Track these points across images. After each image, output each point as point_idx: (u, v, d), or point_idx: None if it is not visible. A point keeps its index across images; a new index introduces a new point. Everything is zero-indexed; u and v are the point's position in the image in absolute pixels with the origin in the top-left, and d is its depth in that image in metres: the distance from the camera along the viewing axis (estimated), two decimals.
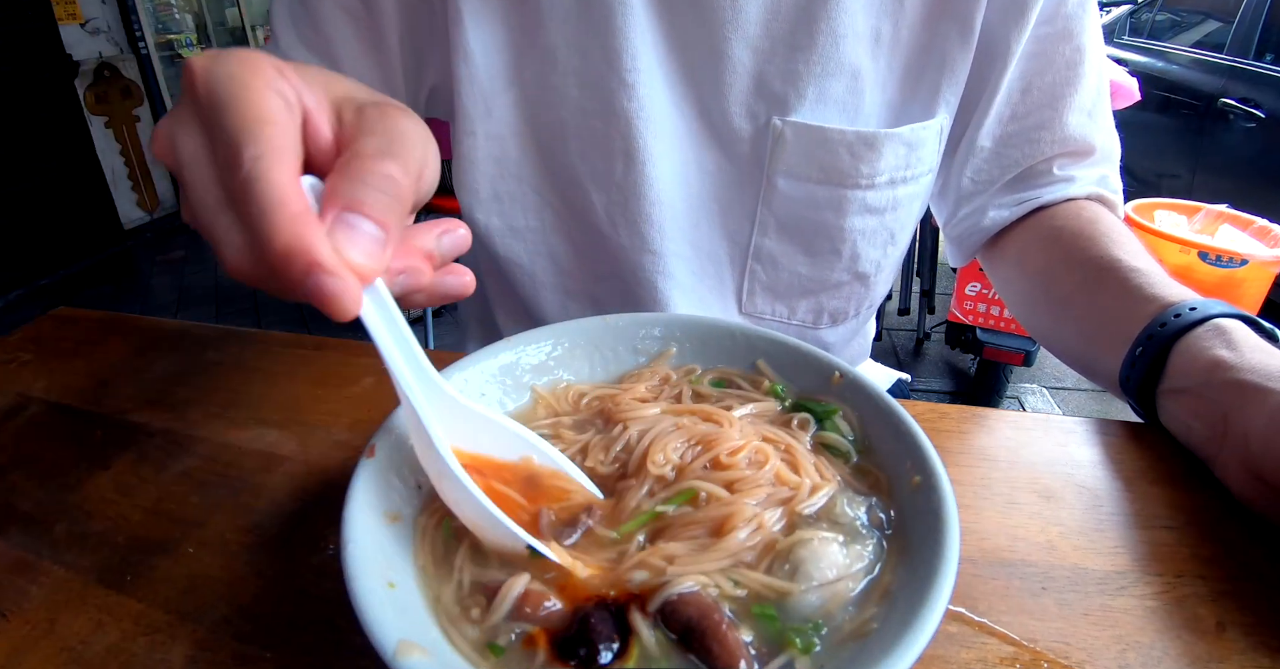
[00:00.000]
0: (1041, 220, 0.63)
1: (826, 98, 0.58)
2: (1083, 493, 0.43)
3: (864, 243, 0.65)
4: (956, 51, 0.58)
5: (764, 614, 0.30)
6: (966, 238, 0.68)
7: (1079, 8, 0.59)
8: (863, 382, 0.40)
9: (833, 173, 0.60)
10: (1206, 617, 0.35)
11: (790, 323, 0.70)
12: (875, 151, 0.59)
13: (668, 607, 0.29)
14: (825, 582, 0.30)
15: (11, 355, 0.59)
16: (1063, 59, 0.60)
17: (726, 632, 0.28)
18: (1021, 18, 0.57)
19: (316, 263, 0.25)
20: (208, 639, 0.34)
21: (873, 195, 0.61)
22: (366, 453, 0.34)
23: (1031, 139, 0.62)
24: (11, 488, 0.45)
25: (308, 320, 3.11)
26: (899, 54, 0.59)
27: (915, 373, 2.63)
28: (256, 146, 0.26)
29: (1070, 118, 0.61)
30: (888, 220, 0.64)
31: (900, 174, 0.61)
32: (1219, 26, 3.11)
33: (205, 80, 0.28)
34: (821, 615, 0.30)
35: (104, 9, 3.67)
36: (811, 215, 0.63)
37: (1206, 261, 1.76)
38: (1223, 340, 0.44)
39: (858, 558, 0.32)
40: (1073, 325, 0.58)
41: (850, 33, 0.56)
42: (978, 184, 0.65)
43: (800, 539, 0.32)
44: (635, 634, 0.29)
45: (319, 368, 0.56)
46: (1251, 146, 2.77)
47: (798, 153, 0.60)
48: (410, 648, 0.26)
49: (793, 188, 0.61)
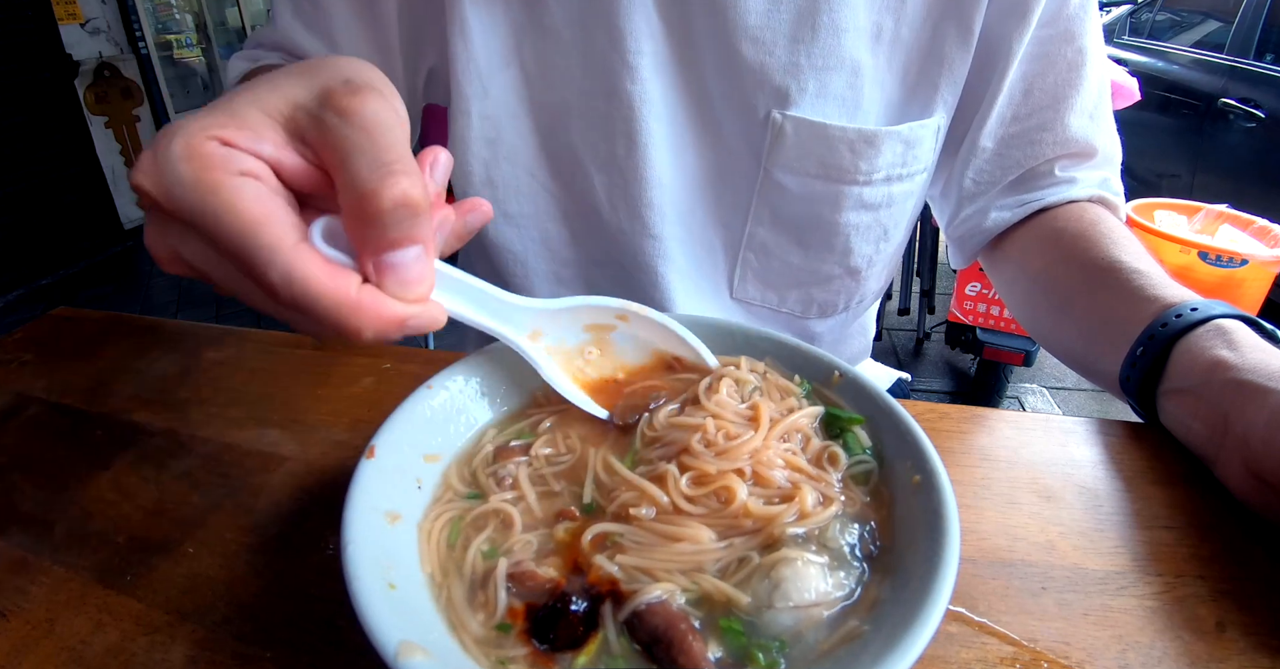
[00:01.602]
0: (1043, 222, 0.63)
1: (827, 92, 0.58)
2: (1083, 493, 0.43)
3: (857, 238, 0.65)
4: (956, 51, 0.58)
5: (730, 628, 0.30)
6: (968, 239, 0.68)
7: (1080, 9, 0.59)
8: (863, 381, 0.40)
9: (831, 169, 0.60)
10: (1206, 617, 0.35)
11: (779, 310, 0.70)
12: (875, 148, 0.59)
13: (635, 617, 0.29)
14: (802, 604, 0.30)
15: (11, 355, 0.59)
16: (1064, 60, 0.60)
17: (692, 643, 0.28)
18: (1023, 19, 0.57)
19: (399, 320, 0.28)
20: (208, 639, 0.34)
21: (869, 191, 0.62)
22: (366, 454, 0.34)
23: (1033, 140, 0.62)
24: (11, 488, 0.45)
25: None
26: (899, 51, 0.59)
27: (915, 373, 2.62)
28: (267, 253, 0.26)
29: (1072, 119, 0.61)
30: (882, 216, 0.64)
31: (897, 171, 0.61)
32: (1219, 26, 3.11)
33: (167, 196, 0.26)
34: (790, 636, 0.30)
35: (104, 9, 3.67)
36: (807, 209, 0.63)
37: (1206, 261, 1.76)
38: (1223, 340, 0.44)
39: (838, 586, 0.31)
40: (1073, 326, 0.58)
41: (852, 27, 0.56)
42: (979, 185, 0.65)
43: (785, 558, 0.31)
44: (600, 630, 0.30)
45: (319, 368, 0.56)
46: (1251, 146, 2.77)
47: (797, 147, 0.60)
48: (411, 649, 0.26)
49: (790, 181, 0.62)
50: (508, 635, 0.30)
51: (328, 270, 0.27)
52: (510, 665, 0.29)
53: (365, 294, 0.27)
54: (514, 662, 0.29)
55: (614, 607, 0.30)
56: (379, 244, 0.27)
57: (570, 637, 0.29)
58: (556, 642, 0.29)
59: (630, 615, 0.29)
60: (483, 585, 0.32)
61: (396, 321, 0.28)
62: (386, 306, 0.28)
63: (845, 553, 0.33)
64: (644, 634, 0.29)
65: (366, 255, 0.28)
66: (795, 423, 0.38)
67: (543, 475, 0.38)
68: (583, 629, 0.30)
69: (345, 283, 0.27)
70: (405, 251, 0.28)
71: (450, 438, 0.40)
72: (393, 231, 0.27)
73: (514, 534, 0.34)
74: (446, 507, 0.36)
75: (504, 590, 0.31)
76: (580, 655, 0.29)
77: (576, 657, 0.29)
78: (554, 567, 0.32)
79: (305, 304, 0.26)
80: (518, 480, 0.37)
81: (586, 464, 0.38)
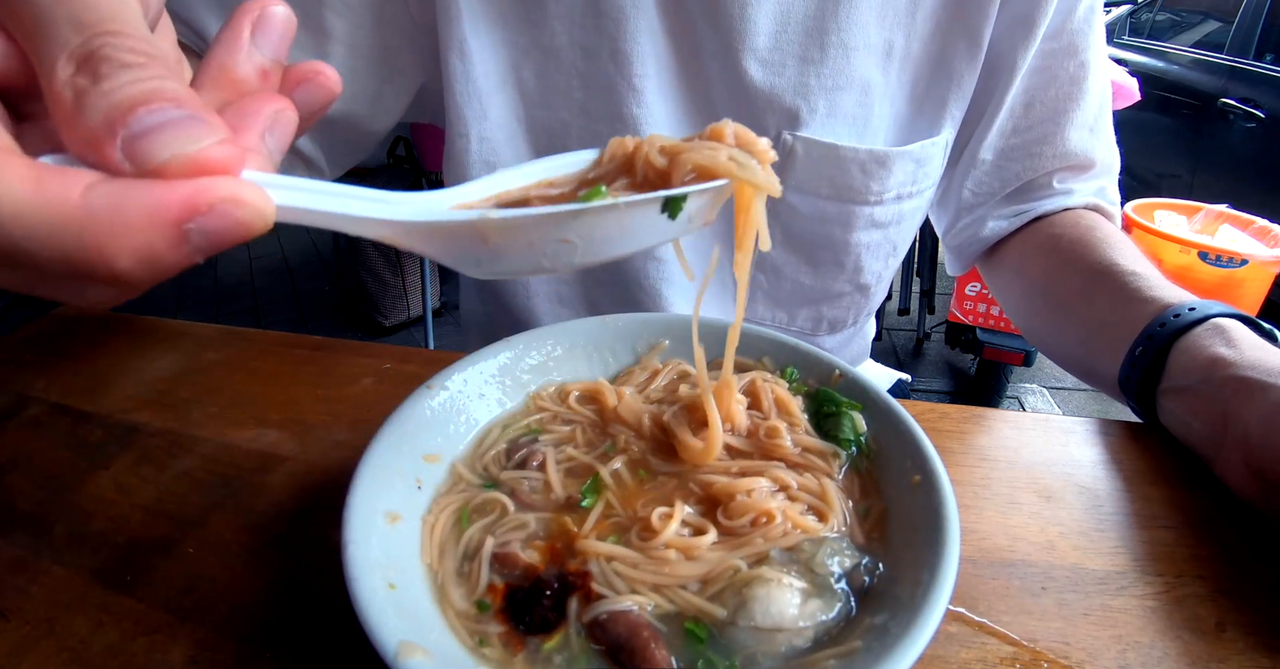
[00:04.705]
0: (1040, 228, 0.63)
1: (837, 112, 0.58)
2: (1083, 493, 0.43)
3: (868, 256, 0.65)
4: (964, 66, 0.58)
5: (693, 632, 0.30)
6: (966, 247, 0.69)
7: (1085, 23, 0.59)
8: (863, 381, 0.40)
9: (843, 189, 0.60)
10: (1206, 617, 0.35)
11: (789, 329, 0.70)
12: (886, 169, 0.59)
13: (597, 624, 0.30)
14: (762, 627, 0.29)
15: (11, 355, 0.59)
16: (1066, 74, 0.60)
17: (654, 651, 0.29)
18: (1028, 35, 0.57)
19: (170, 214, 0.18)
20: (208, 639, 0.34)
21: (880, 211, 0.61)
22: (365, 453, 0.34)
23: (1033, 153, 0.62)
24: (11, 488, 0.45)
25: (308, 320, 3.11)
26: (909, 67, 0.58)
27: (915, 373, 2.62)
28: None
29: (1071, 133, 0.61)
30: (891, 233, 0.64)
31: (907, 189, 0.61)
32: (1219, 26, 3.11)
33: None
34: (744, 656, 0.29)
35: None
36: (818, 229, 0.63)
37: (1206, 261, 1.76)
38: (1222, 339, 0.44)
39: (809, 616, 0.30)
40: (1071, 329, 0.58)
41: (862, 46, 0.55)
42: (978, 196, 0.65)
43: (761, 576, 0.31)
44: (566, 623, 0.30)
45: (319, 368, 0.56)
46: (1251, 146, 2.77)
47: (808, 168, 0.59)
48: (411, 649, 0.26)
49: (801, 202, 0.61)
50: (486, 613, 0.31)
51: (32, 174, 0.17)
52: (487, 642, 0.30)
53: (98, 193, 0.18)
54: (490, 638, 0.30)
55: (581, 605, 0.31)
56: (108, 117, 0.18)
57: (540, 622, 0.30)
58: (530, 624, 0.30)
59: (592, 620, 0.30)
60: (471, 558, 0.33)
61: (166, 219, 0.18)
62: (136, 197, 0.18)
63: (829, 581, 0.31)
64: (607, 640, 0.29)
65: (94, 140, 0.18)
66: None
67: (570, 456, 0.39)
68: (553, 617, 0.31)
69: (62, 185, 0.17)
70: (153, 112, 0.18)
71: (450, 438, 0.40)
72: (120, 94, 0.18)
73: (511, 515, 0.36)
74: (457, 497, 0.37)
75: (488, 567, 0.32)
76: (548, 641, 0.30)
77: (545, 642, 0.30)
78: (537, 551, 0.33)
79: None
80: (545, 461, 0.38)
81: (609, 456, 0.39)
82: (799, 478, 0.36)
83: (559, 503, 0.36)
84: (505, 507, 0.36)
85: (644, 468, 0.38)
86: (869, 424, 0.39)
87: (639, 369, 0.45)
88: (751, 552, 0.33)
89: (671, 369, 0.45)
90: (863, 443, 0.39)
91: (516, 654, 0.29)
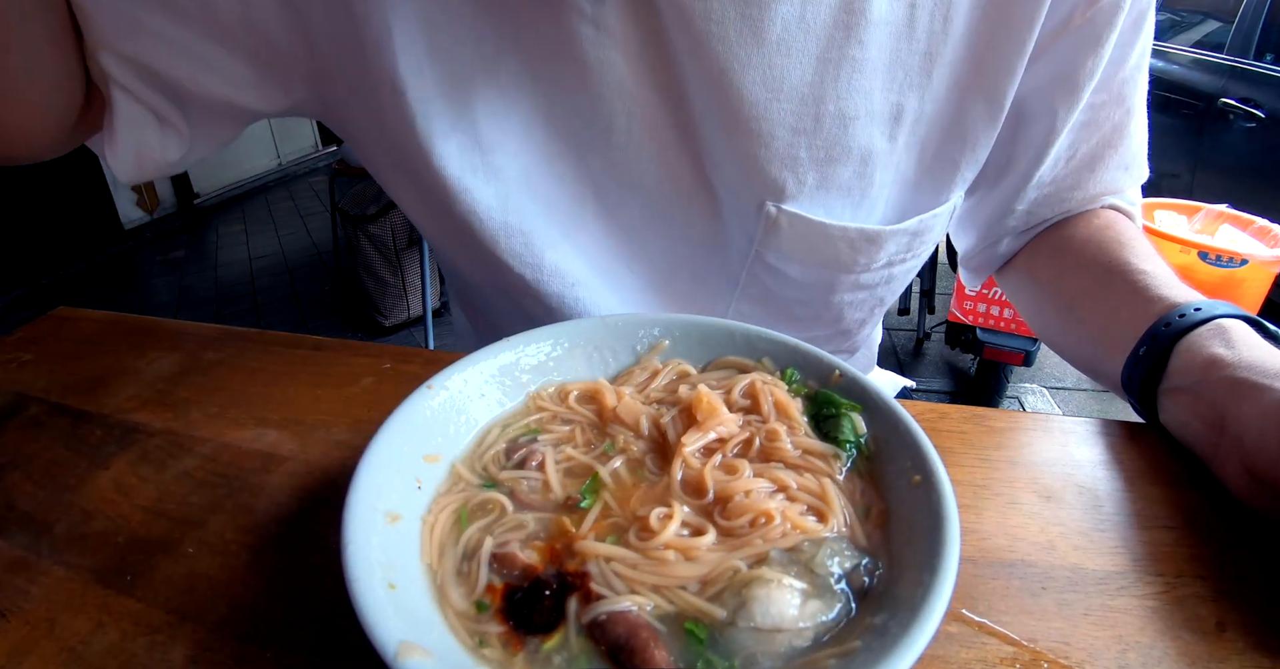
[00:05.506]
0: (1052, 230, 0.62)
1: (829, 184, 0.52)
2: (1083, 493, 0.43)
3: (851, 311, 0.62)
4: (981, 128, 0.53)
5: (693, 632, 0.30)
6: (983, 267, 0.68)
7: (1136, 70, 0.55)
8: (863, 381, 0.40)
9: (829, 260, 0.56)
10: (1206, 617, 0.35)
11: None
12: (877, 245, 0.55)
13: (596, 624, 0.30)
14: (762, 627, 0.29)
15: (11, 355, 0.59)
16: (1110, 123, 0.57)
17: (654, 651, 0.29)
18: (1073, 93, 0.53)
19: None
20: (208, 639, 0.34)
21: (867, 276, 0.58)
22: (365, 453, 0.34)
23: (1063, 199, 0.60)
24: (11, 488, 0.45)
25: (308, 320, 3.11)
26: (920, 130, 0.53)
27: (915, 373, 2.63)
28: None
29: (1106, 175, 0.59)
30: (879, 292, 0.61)
31: (900, 257, 0.58)
32: (1219, 26, 3.11)
33: None
34: (744, 657, 0.29)
35: None
36: (799, 290, 0.59)
37: (1206, 261, 1.76)
38: (1221, 339, 0.44)
39: (809, 617, 0.30)
40: (1080, 328, 0.58)
41: (863, 114, 0.50)
42: (1003, 230, 0.64)
43: (761, 577, 0.31)
44: (565, 623, 0.30)
45: (319, 368, 0.56)
46: (1251, 146, 2.77)
47: (792, 240, 0.54)
48: (411, 649, 0.26)
49: (783, 264, 0.57)
50: (485, 613, 0.31)
51: None
52: (486, 642, 0.30)
53: None
54: (490, 638, 0.30)
55: (580, 605, 0.31)
56: None
57: (540, 621, 0.30)
58: (529, 624, 0.30)
59: (592, 621, 0.30)
60: (470, 558, 0.33)
61: None
62: None
63: (829, 582, 0.31)
64: (606, 641, 0.29)
65: None
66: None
67: (569, 456, 0.39)
68: (552, 617, 0.31)
69: None
70: None
71: (450, 438, 0.40)
72: None
73: (509, 515, 0.35)
74: (456, 497, 0.37)
75: (486, 567, 0.32)
76: (548, 641, 0.30)
77: (544, 642, 0.30)
78: (536, 551, 0.33)
79: None
80: (544, 461, 0.38)
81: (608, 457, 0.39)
82: (798, 478, 0.36)
83: (558, 503, 0.36)
84: (504, 507, 0.36)
85: (643, 468, 0.38)
86: (869, 424, 0.39)
87: (639, 369, 0.45)
88: (751, 552, 0.32)
89: (671, 369, 0.45)
90: (862, 444, 0.38)
91: (516, 654, 0.29)
